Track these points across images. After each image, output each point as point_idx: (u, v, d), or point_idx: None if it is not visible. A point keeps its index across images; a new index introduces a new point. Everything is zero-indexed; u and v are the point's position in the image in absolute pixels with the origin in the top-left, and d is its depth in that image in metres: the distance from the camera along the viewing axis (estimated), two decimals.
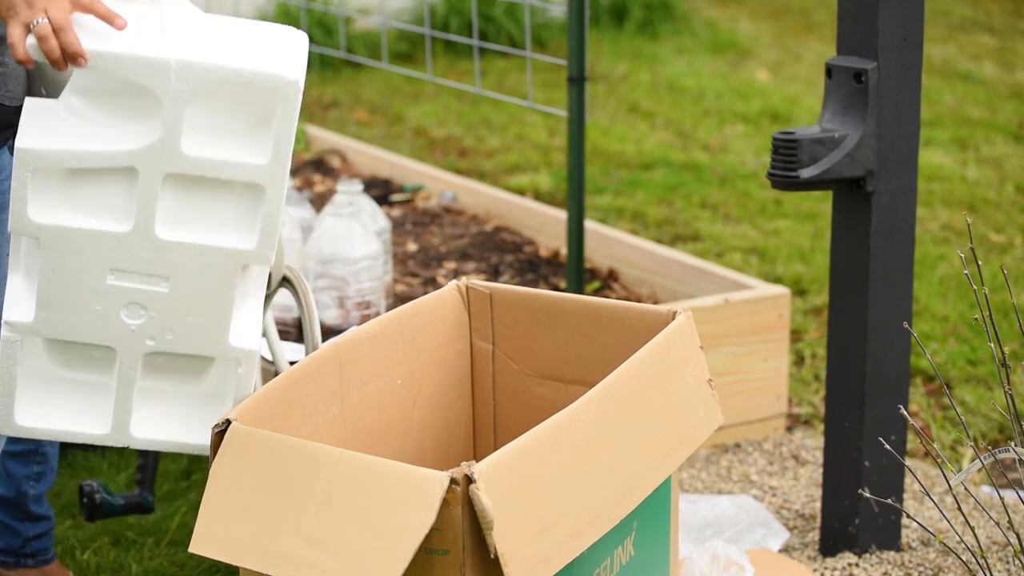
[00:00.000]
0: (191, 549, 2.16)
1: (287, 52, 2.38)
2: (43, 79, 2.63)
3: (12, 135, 2.54)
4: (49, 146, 2.33)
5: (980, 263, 2.64)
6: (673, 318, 2.58)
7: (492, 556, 2.07)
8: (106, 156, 2.33)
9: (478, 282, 2.73)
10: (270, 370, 3.34)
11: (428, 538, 2.05)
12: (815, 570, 3.19)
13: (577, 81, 3.95)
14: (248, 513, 2.14)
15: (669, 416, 2.45)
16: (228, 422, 2.22)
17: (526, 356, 2.72)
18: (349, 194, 4.01)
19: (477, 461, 2.10)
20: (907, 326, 2.78)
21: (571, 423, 2.24)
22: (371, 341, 2.54)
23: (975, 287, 2.63)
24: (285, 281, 2.95)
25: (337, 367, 2.46)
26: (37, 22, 2.29)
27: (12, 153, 2.56)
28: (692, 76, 7.78)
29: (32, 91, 2.60)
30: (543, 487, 2.16)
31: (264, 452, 2.17)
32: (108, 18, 2.32)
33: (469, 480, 2.06)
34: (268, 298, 3.01)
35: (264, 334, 3.08)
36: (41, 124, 2.36)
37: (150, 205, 2.35)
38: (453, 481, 2.06)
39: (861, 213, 3.09)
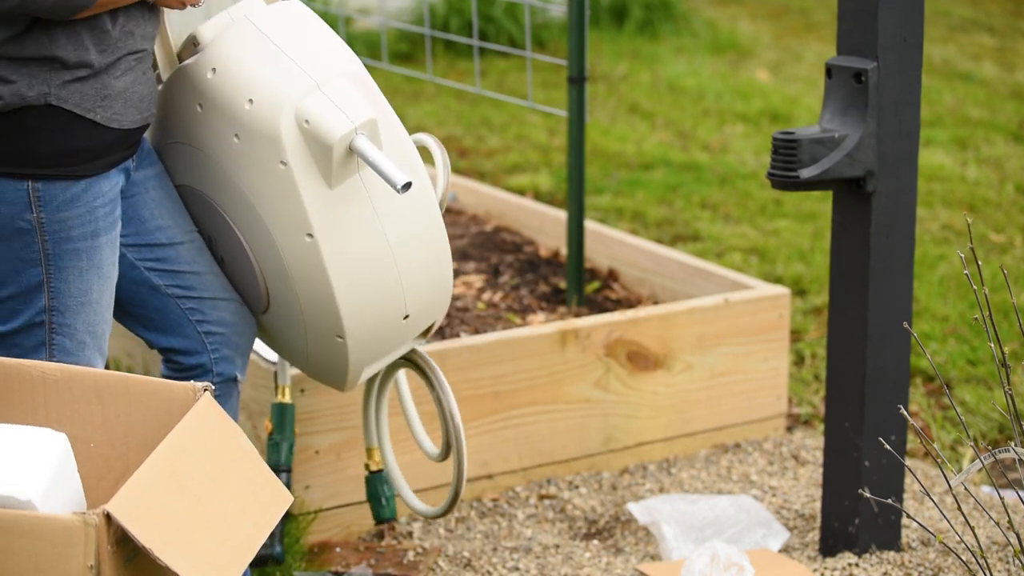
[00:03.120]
0: None
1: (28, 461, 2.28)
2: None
3: (118, 160, 2.53)
4: None
5: (980, 263, 2.64)
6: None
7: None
8: None
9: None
10: (271, 369, 3.34)
11: None
12: (815, 570, 3.19)
13: (577, 81, 3.95)
14: None
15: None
16: None
17: None
18: None
19: None
20: (907, 326, 2.78)
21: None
22: None
23: (975, 287, 2.63)
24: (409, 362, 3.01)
25: None
26: None
27: (127, 177, 2.57)
28: (692, 76, 7.78)
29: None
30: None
31: None
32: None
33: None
34: None
35: None
36: None
37: None
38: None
39: (861, 213, 3.09)
